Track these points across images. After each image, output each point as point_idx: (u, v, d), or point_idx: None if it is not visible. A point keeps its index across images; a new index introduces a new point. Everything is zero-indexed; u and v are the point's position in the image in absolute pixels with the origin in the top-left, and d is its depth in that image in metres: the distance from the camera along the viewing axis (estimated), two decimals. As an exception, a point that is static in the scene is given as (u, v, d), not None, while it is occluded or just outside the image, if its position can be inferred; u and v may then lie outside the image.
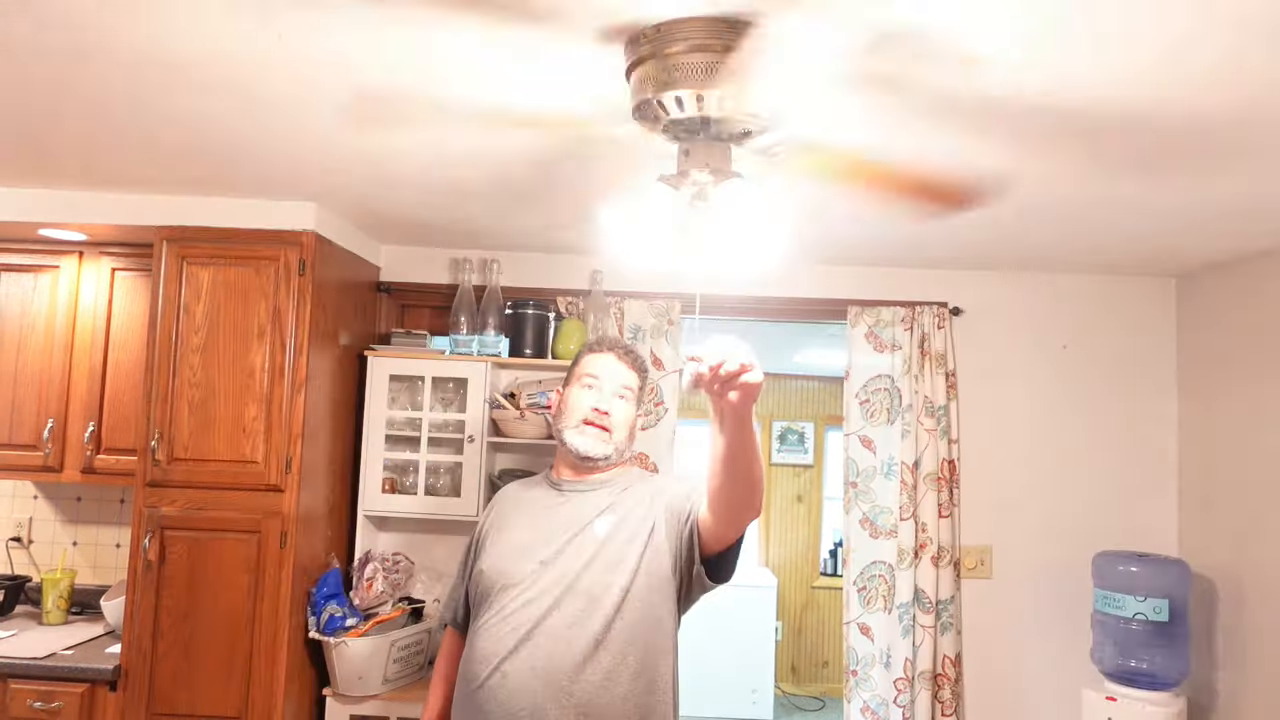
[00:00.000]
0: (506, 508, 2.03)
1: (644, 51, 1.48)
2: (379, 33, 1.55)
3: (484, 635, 1.81)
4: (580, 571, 1.80)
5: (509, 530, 1.94)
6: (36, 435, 3.06)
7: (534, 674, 1.73)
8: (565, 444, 1.94)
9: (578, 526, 1.86)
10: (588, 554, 1.82)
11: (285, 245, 2.80)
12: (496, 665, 1.75)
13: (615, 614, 1.77)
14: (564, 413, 1.97)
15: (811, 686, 6.38)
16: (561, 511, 1.90)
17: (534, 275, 3.41)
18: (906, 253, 3.20)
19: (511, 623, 1.78)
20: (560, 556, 1.82)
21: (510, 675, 1.74)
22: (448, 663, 2.08)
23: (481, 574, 1.90)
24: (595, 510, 1.88)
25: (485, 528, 2.03)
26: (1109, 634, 2.98)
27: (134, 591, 2.73)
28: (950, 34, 1.45)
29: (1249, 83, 1.63)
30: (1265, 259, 2.93)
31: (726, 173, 1.57)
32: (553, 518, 1.90)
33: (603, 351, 1.99)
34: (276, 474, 2.75)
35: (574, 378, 1.99)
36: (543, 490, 2.00)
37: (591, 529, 1.85)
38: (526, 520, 1.93)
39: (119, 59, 1.72)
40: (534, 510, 1.95)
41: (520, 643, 1.75)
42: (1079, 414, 3.38)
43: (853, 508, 3.33)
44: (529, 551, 1.85)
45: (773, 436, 6.57)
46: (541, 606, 1.78)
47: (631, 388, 1.98)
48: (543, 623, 1.76)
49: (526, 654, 1.74)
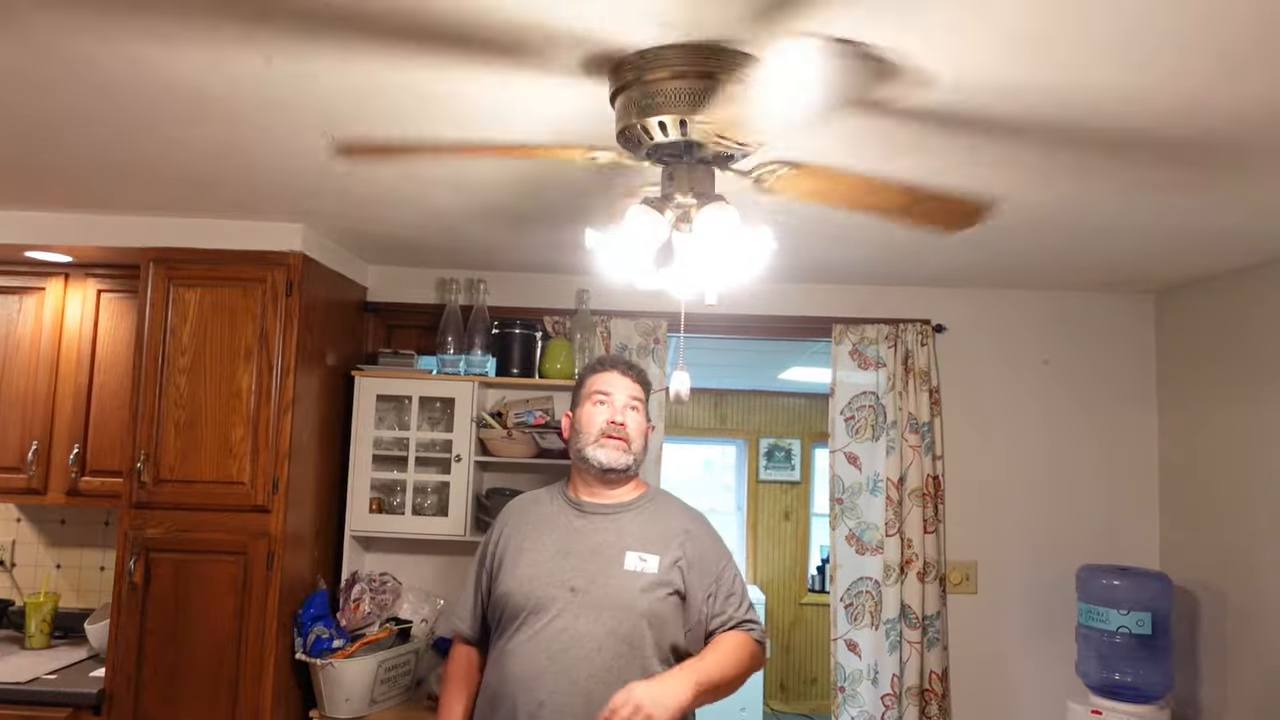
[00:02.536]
0: (523, 524, 2.02)
1: (627, 78, 1.51)
2: (361, 67, 1.58)
3: (516, 658, 1.84)
4: (608, 602, 1.85)
5: (533, 551, 1.95)
6: (20, 457, 3.04)
7: (570, 700, 1.78)
8: (586, 461, 1.97)
9: (607, 555, 1.91)
10: (611, 584, 1.87)
11: (272, 266, 2.81)
12: (533, 692, 1.79)
13: (641, 645, 1.84)
14: (580, 432, 2.00)
15: (800, 704, 6.38)
16: (589, 537, 1.94)
17: (521, 295, 3.43)
18: (890, 271, 3.23)
19: (546, 649, 1.82)
20: (592, 585, 1.87)
21: (547, 705, 1.78)
22: (465, 675, 2.05)
23: (509, 595, 1.90)
24: (623, 540, 1.93)
25: (501, 544, 2.02)
26: (1093, 647, 3.00)
27: (119, 614, 2.71)
28: (927, 58, 1.49)
29: (1225, 108, 1.67)
30: (1242, 275, 2.98)
31: (710, 196, 1.60)
32: (580, 542, 1.93)
33: (607, 369, 2.05)
34: (263, 495, 2.75)
35: (583, 398, 2.03)
36: (561, 509, 2.02)
37: (622, 562, 1.90)
38: (551, 540, 1.95)
39: (106, 86, 1.74)
40: (558, 531, 1.97)
41: (557, 670, 1.80)
42: (1061, 429, 3.42)
43: (839, 524, 3.35)
44: (559, 576, 1.89)
45: (760, 454, 6.59)
46: (574, 634, 1.82)
47: (640, 399, 2.05)
48: (573, 649, 1.81)
49: (565, 682, 1.79)
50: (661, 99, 1.48)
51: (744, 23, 1.38)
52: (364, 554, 3.30)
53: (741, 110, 1.39)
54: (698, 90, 1.46)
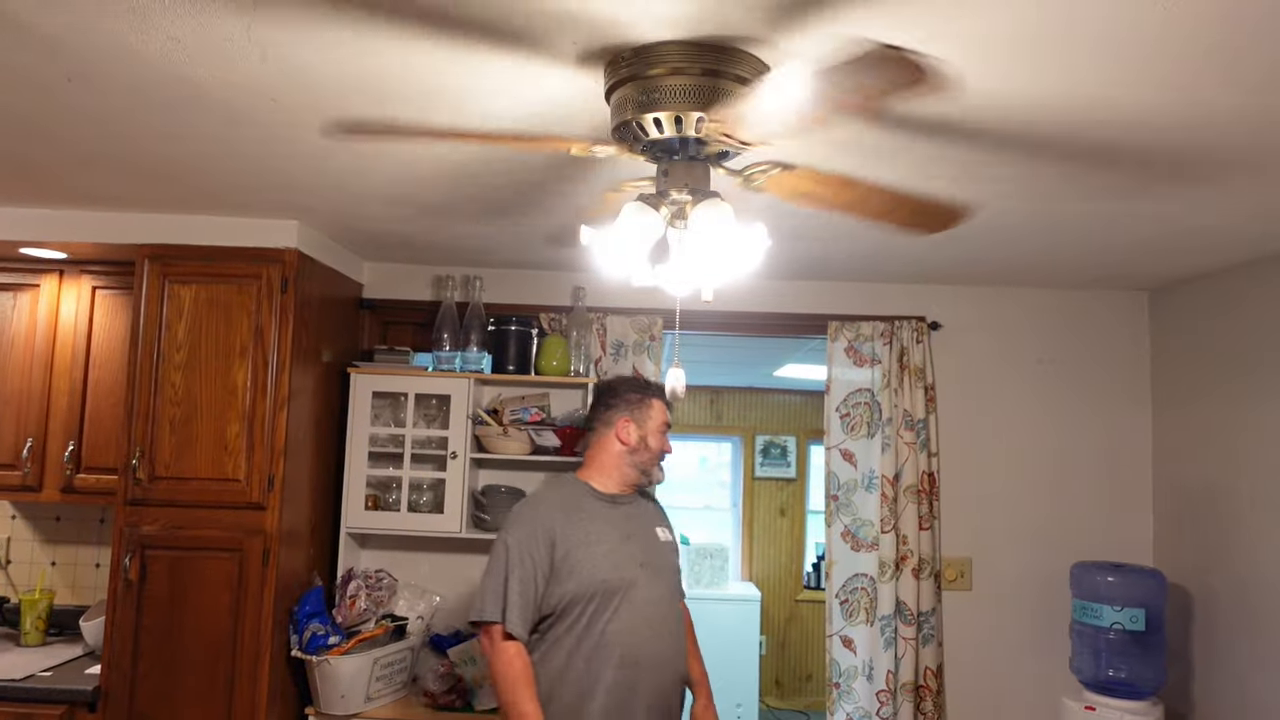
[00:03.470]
0: (574, 522, 2.22)
1: (624, 74, 1.51)
2: (359, 57, 1.58)
3: (620, 633, 2.13)
4: (663, 569, 2.29)
5: (602, 542, 2.21)
6: (15, 454, 3.03)
7: (662, 658, 2.19)
8: (647, 473, 2.34)
9: (647, 532, 2.32)
10: (661, 555, 2.31)
11: (267, 263, 2.80)
12: (646, 655, 2.15)
13: (679, 594, 2.36)
14: (648, 449, 2.33)
15: (796, 700, 6.39)
16: (631, 521, 2.30)
17: (516, 292, 3.43)
18: (885, 268, 3.24)
19: (644, 618, 2.18)
20: (651, 558, 2.27)
21: (656, 661, 2.17)
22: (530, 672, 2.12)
23: (600, 583, 2.15)
24: (645, 521, 2.35)
25: (561, 545, 2.17)
26: (1087, 644, 3.01)
27: (114, 611, 2.71)
28: (947, 65, 1.49)
29: (1217, 111, 1.68)
30: (1235, 273, 2.99)
31: (705, 192, 1.60)
32: (625, 525, 2.28)
33: (666, 401, 2.38)
34: (259, 492, 2.75)
35: (652, 422, 2.33)
36: (595, 504, 2.28)
37: (656, 535, 2.34)
38: (605, 531, 2.24)
39: (102, 81, 1.74)
40: (609, 522, 2.26)
41: (653, 633, 2.18)
42: (1056, 426, 3.43)
43: (834, 521, 3.35)
44: (633, 557, 2.23)
45: (755, 450, 6.59)
46: (654, 600, 2.21)
47: None
48: (658, 612, 2.21)
49: (660, 640, 2.20)
50: (658, 95, 1.48)
51: (756, 23, 1.38)
52: (360, 551, 3.30)
53: (750, 110, 1.38)
54: (705, 88, 1.46)
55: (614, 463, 2.31)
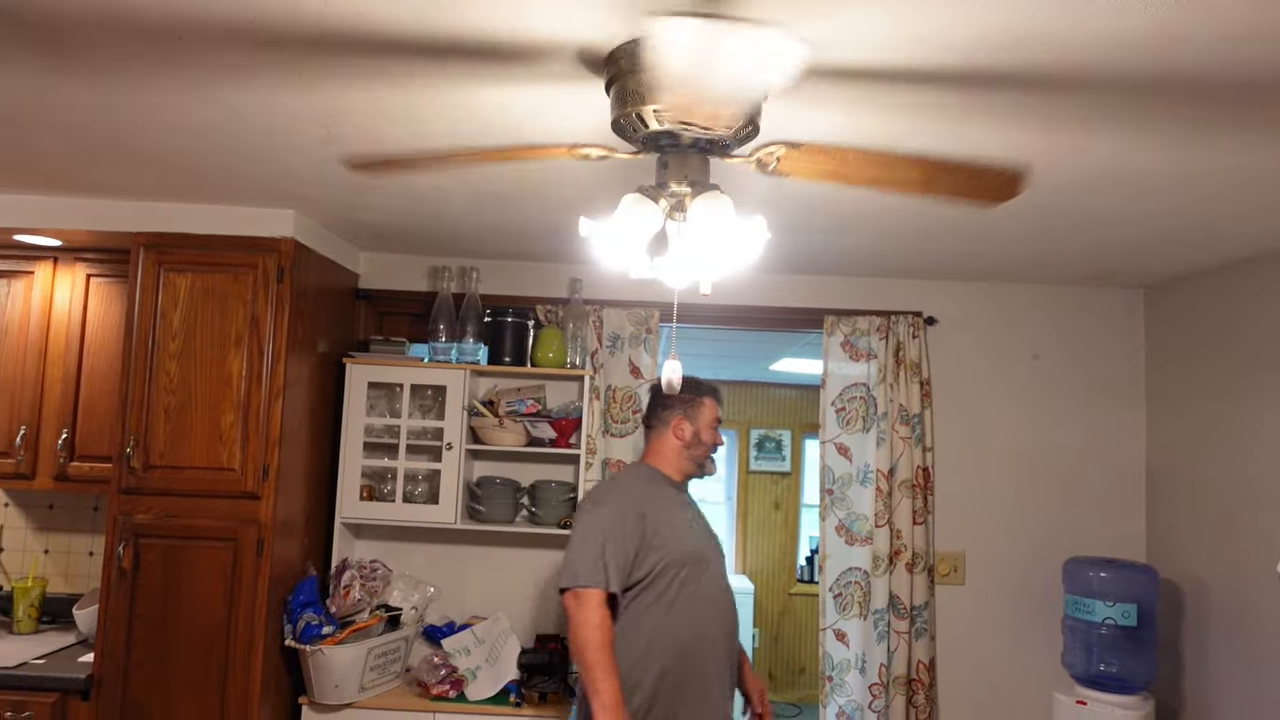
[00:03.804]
0: (656, 503, 2.39)
1: (622, 67, 1.50)
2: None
3: (701, 602, 2.33)
4: (718, 553, 2.49)
5: (681, 524, 2.42)
6: (8, 442, 3.02)
7: (732, 625, 2.42)
8: (701, 466, 2.53)
9: (703, 520, 2.53)
10: (715, 541, 2.51)
11: (264, 252, 2.79)
12: (718, 624, 2.36)
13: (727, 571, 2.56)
14: (701, 444, 2.51)
15: (788, 693, 6.41)
16: (690, 508, 2.52)
17: (513, 283, 3.42)
18: (882, 263, 3.24)
19: (720, 588, 2.41)
20: (711, 542, 2.48)
21: (725, 629, 2.38)
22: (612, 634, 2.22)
23: (687, 554, 2.34)
24: (700, 510, 2.55)
25: (651, 519, 2.33)
26: (1079, 639, 3.02)
27: (107, 600, 2.71)
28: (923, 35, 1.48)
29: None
30: (1231, 270, 3.00)
31: (704, 184, 1.59)
32: (690, 510, 2.50)
33: (716, 398, 2.55)
34: (253, 481, 2.74)
35: (704, 418, 2.51)
36: (667, 490, 2.47)
37: (708, 520, 2.55)
38: (680, 514, 2.44)
39: (97, 67, 1.73)
40: (679, 505, 2.47)
41: (723, 604, 2.40)
42: (1050, 422, 3.44)
43: (829, 514, 3.36)
44: (703, 537, 2.46)
45: (750, 444, 6.60)
46: (718, 575, 2.43)
47: None
48: (722, 587, 2.42)
49: (728, 612, 2.41)
50: (646, 89, 1.47)
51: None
52: (354, 541, 3.30)
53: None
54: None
55: (672, 456, 2.50)
